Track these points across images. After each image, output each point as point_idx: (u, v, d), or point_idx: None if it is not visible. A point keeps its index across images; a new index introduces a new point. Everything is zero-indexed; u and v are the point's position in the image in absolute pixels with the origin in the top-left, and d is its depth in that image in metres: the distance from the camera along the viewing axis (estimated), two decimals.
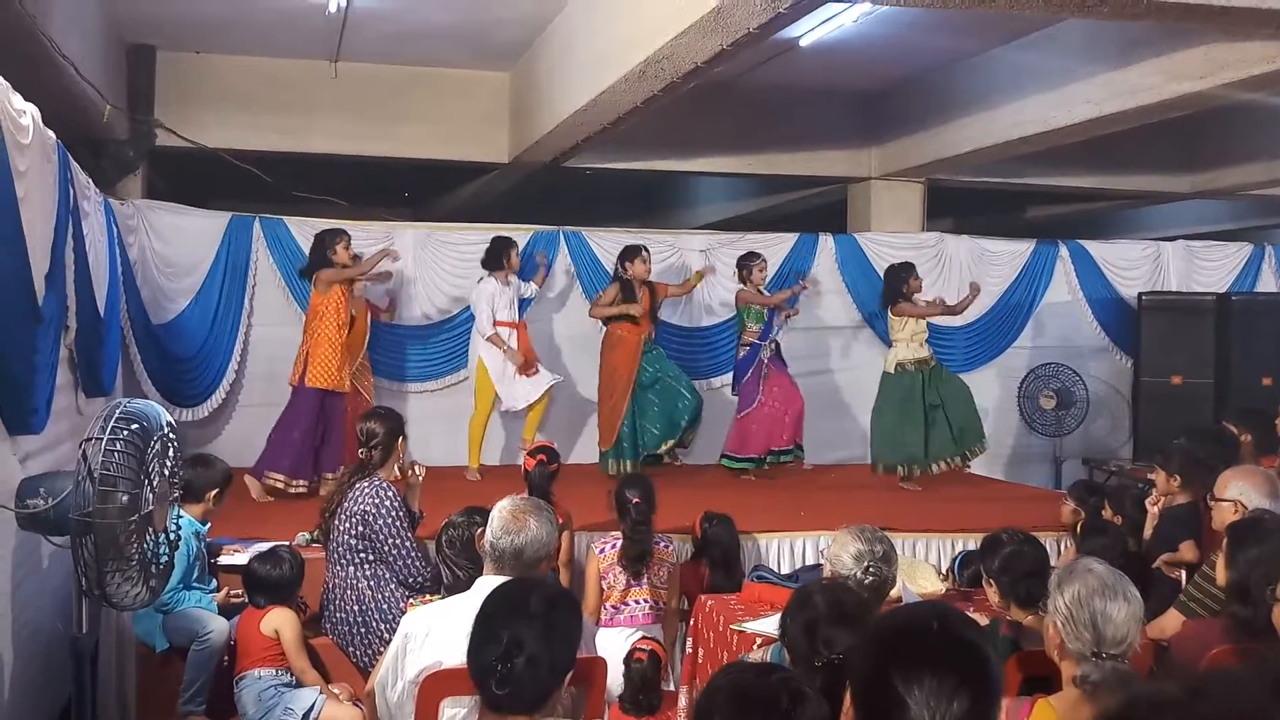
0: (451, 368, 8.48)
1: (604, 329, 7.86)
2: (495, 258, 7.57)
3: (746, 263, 8.01)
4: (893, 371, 7.85)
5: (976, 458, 7.92)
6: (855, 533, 3.44)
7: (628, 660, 4.30)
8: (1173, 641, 3.71)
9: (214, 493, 4.91)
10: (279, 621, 4.41)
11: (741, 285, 7.98)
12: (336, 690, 4.39)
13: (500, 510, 3.12)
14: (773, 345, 7.97)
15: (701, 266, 8.39)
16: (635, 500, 4.91)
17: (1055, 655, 2.67)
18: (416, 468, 4.93)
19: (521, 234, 8.31)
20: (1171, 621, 3.97)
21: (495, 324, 7.46)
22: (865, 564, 3.34)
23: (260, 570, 4.52)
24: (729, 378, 8.46)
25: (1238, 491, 4.14)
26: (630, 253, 7.72)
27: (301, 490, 6.75)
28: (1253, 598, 3.35)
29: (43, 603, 4.02)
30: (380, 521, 4.49)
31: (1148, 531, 5.10)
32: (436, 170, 10.29)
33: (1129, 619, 2.61)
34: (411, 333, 8.40)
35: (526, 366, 7.52)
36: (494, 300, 7.48)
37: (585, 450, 8.38)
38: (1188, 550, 4.98)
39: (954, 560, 5.43)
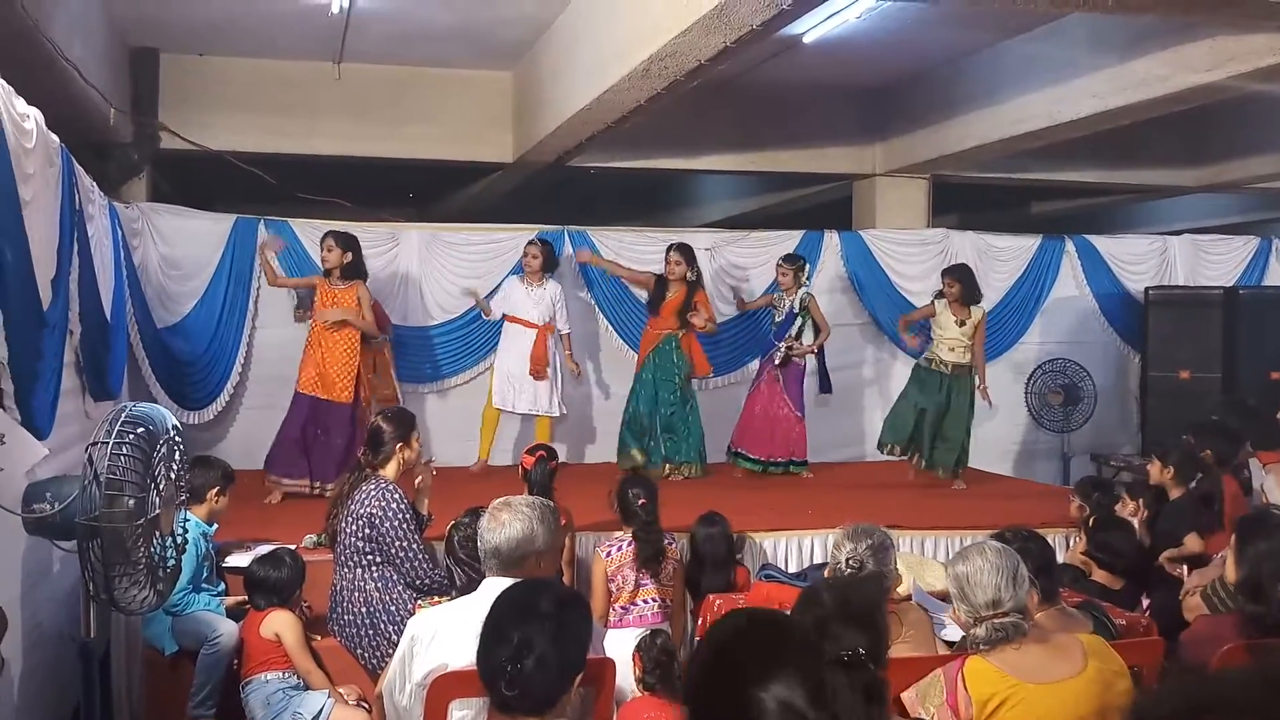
0: (459, 368, 8.45)
1: None
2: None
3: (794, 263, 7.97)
4: (922, 364, 7.82)
5: (943, 478, 7.78)
6: (849, 531, 3.57)
7: (642, 642, 4.31)
8: (1185, 640, 3.69)
9: (214, 492, 4.91)
10: (279, 624, 4.41)
11: (782, 278, 7.92)
12: (344, 692, 4.39)
13: (487, 510, 3.18)
14: (782, 352, 7.86)
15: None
16: (642, 501, 4.91)
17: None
18: (428, 468, 4.91)
19: (526, 234, 8.30)
20: (1194, 601, 3.97)
21: (506, 318, 7.72)
22: (849, 559, 3.47)
23: (260, 572, 4.52)
24: (729, 379, 8.47)
25: (1260, 481, 4.12)
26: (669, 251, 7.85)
27: (303, 490, 6.75)
28: (1264, 593, 3.33)
29: (54, 606, 4.02)
30: (387, 524, 4.47)
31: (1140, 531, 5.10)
32: (441, 171, 10.29)
33: (1000, 581, 2.86)
34: (417, 334, 8.38)
35: (537, 374, 7.58)
36: (507, 294, 7.82)
37: (596, 451, 8.37)
38: (1193, 542, 4.96)
39: None
